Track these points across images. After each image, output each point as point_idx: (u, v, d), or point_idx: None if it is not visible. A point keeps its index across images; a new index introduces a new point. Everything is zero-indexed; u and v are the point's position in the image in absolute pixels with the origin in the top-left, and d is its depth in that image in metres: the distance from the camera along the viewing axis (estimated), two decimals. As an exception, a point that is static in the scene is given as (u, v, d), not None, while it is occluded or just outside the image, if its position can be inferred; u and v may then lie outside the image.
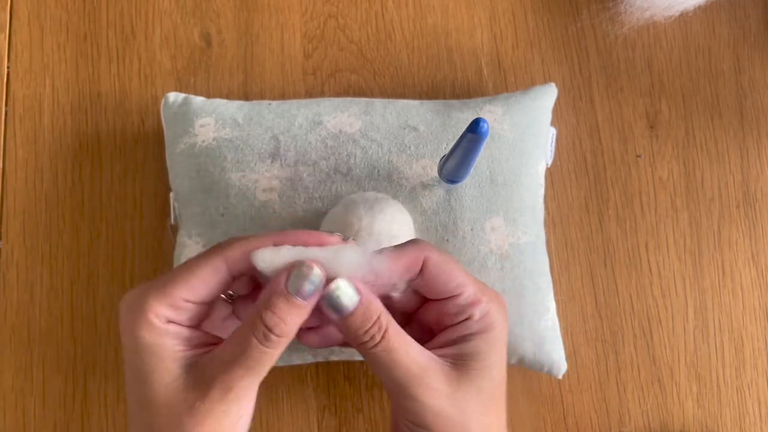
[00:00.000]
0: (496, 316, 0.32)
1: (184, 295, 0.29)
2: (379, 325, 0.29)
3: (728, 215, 0.46)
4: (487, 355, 0.31)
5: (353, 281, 0.29)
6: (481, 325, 0.32)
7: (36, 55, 0.48)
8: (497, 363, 0.32)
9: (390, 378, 0.30)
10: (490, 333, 0.32)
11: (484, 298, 0.32)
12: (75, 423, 0.43)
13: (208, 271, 0.30)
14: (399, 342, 0.30)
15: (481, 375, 0.31)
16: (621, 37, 0.48)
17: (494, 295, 0.33)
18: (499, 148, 0.41)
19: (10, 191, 0.46)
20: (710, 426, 0.44)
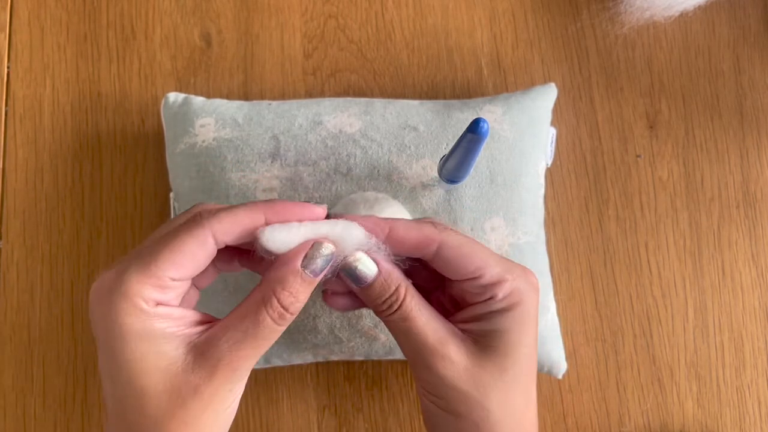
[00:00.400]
0: (523, 295, 0.31)
1: (171, 273, 0.27)
2: (397, 295, 0.30)
3: (728, 215, 0.46)
4: (512, 334, 0.31)
5: (371, 254, 0.30)
6: (504, 303, 0.31)
7: (36, 55, 0.48)
8: (524, 342, 0.31)
9: (407, 346, 0.31)
10: (515, 311, 0.31)
11: (509, 277, 0.31)
12: (75, 423, 0.43)
13: (195, 245, 0.27)
14: (417, 311, 0.30)
15: (504, 353, 0.31)
16: (621, 37, 0.48)
17: (522, 273, 0.32)
18: (499, 148, 0.41)
19: (10, 191, 0.46)
20: (710, 426, 0.44)
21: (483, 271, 0.31)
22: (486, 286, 0.31)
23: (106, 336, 0.27)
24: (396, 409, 0.43)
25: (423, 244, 0.31)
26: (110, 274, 0.27)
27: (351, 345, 0.40)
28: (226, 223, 0.28)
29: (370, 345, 0.40)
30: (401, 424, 0.43)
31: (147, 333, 0.27)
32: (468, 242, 0.31)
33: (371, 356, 0.41)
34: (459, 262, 0.31)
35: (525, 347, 0.31)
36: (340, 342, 0.40)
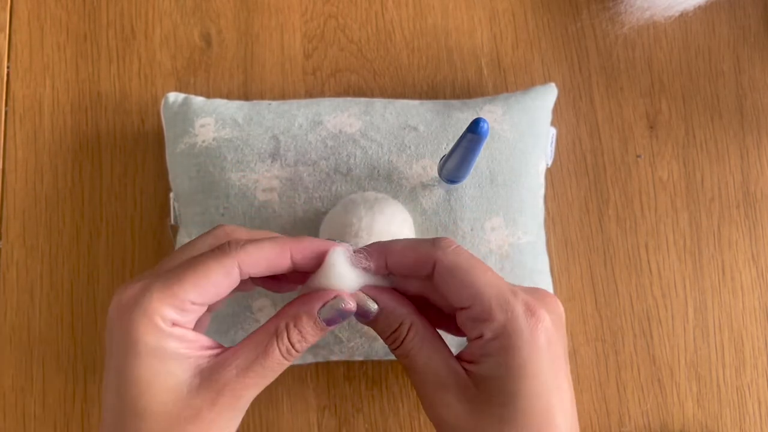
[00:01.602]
0: (516, 337, 0.28)
1: (192, 297, 0.27)
2: (399, 333, 0.30)
3: (728, 215, 0.46)
4: (508, 382, 0.28)
5: (374, 291, 0.30)
6: (494, 346, 0.28)
7: (36, 55, 0.48)
8: (528, 392, 0.28)
9: (412, 380, 0.31)
10: (505, 357, 0.28)
11: (497, 316, 0.28)
12: (75, 423, 0.43)
13: (221, 274, 0.28)
14: (417, 351, 0.30)
15: (501, 403, 0.28)
16: (621, 37, 0.48)
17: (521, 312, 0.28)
18: (499, 148, 0.41)
19: (10, 191, 0.46)
20: (710, 426, 0.44)
21: (473, 301, 0.29)
22: (475, 320, 0.29)
23: (121, 349, 0.27)
24: (396, 409, 0.43)
25: (419, 263, 0.30)
26: (133, 289, 0.27)
27: (351, 345, 0.40)
28: (253, 257, 0.28)
29: (370, 345, 0.40)
30: (401, 424, 0.43)
31: (160, 351, 0.27)
32: (466, 265, 0.29)
33: (371, 356, 0.41)
34: (452, 285, 0.29)
35: (532, 397, 0.28)
36: (340, 342, 0.40)
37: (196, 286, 0.27)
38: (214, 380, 0.27)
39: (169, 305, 0.27)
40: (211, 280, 0.28)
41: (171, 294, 0.27)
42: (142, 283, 0.28)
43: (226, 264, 0.28)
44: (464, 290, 0.29)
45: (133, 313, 0.27)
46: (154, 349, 0.27)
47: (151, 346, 0.27)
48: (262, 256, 0.29)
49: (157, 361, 0.27)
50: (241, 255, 0.28)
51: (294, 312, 0.29)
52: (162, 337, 0.27)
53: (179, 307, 0.27)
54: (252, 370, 0.28)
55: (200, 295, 0.28)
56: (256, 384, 0.28)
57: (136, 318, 0.27)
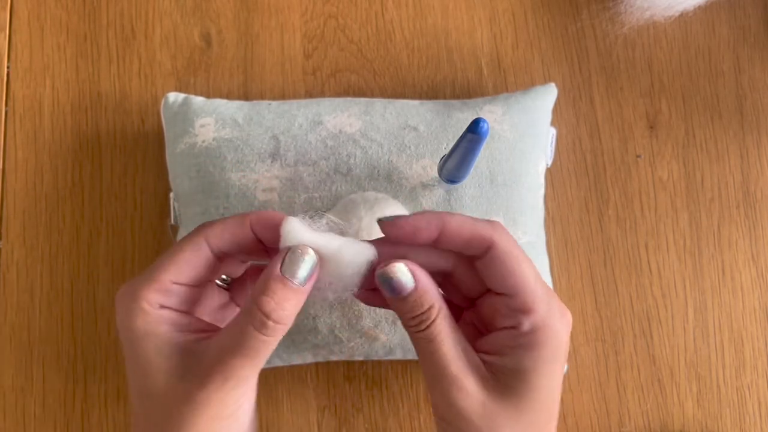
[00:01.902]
0: (552, 334, 0.29)
1: (171, 277, 0.29)
2: (428, 314, 0.29)
3: (728, 215, 0.46)
4: (533, 375, 0.29)
5: (411, 266, 0.29)
6: (528, 339, 0.29)
7: (36, 55, 0.48)
8: (545, 385, 0.29)
9: (428, 367, 0.30)
10: (539, 351, 0.29)
11: (540, 310, 0.29)
12: (75, 423, 0.43)
13: (190, 251, 0.30)
14: (445, 335, 0.29)
15: (522, 395, 0.29)
16: (621, 37, 0.48)
17: (558, 310, 0.30)
18: (499, 148, 0.41)
19: (10, 191, 0.46)
20: (710, 426, 0.44)
21: (518, 290, 0.29)
22: (515, 309, 0.29)
23: (124, 338, 0.30)
24: (396, 409, 0.43)
25: (475, 241, 0.30)
26: (128, 283, 0.30)
27: (351, 345, 0.40)
28: (217, 231, 0.30)
29: (370, 345, 0.40)
30: (401, 424, 0.43)
31: (152, 334, 0.29)
32: (518, 254, 0.30)
33: (371, 356, 0.41)
34: (502, 270, 0.29)
35: (547, 390, 0.29)
36: (340, 342, 0.40)
37: (172, 267, 0.29)
38: (200, 362, 0.28)
39: (153, 290, 0.29)
40: (182, 258, 0.30)
41: (152, 279, 0.29)
42: (128, 282, 0.30)
43: (194, 241, 0.30)
44: (512, 278, 0.29)
45: (125, 302, 0.29)
46: (146, 333, 0.29)
47: (142, 330, 0.29)
48: (225, 229, 0.30)
49: (151, 344, 0.29)
50: (207, 231, 0.30)
51: (259, 281, 0.28)
52: (151, 321, 0.29)
53: (161, 289, 0.29)
54: (233, 351, 0.28)
55: (177, 274, 0.30)
56: (243, 365, 0.28)
57: (127, 306, 0.29)
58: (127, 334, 0.29)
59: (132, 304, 0.29)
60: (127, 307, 0.29)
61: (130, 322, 0.29)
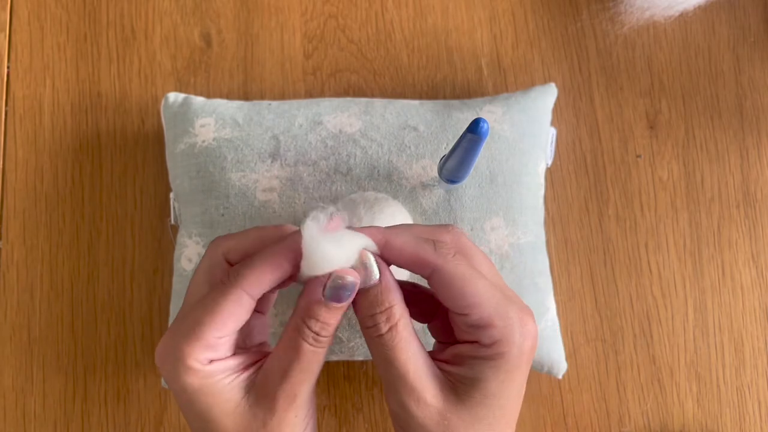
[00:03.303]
0: (511, 345, 0.29)
1: (216, 334, 0.29)
2: (388, 315, 0.29)
3: (728, 215, 0.46)
4: (492, 384, 0.29)
5: (380, 261, 0.30)
6: (489, 351, 0.29)
7: (36, 55, 0.48)
8: (504, 393, 0.30)
9: (385, 375, 0.30)
10: (498, 361, 0.29)
11: (498, 323, 0.29)
12: (75, 423, 0.43)
13: (233, 306, 0.29)
14: (403, 343, 0.29)
15: (480, 403, 0.29)
16: (621, 37, 0.48)
17: (518, 318, 0.29)
18: (499, 148, 0.41)
19: (10, 191, 0.46)
20: (710, 426, 0.44)
21: (473, 309, 0.29)
22: (472, 326, 0.29)
23: (177, 392, 0.30)
24: (396, 409, 0.43)
25: (417, 264, 0.30)
26: (167, 340, 0.30)
27: (351, 345, 0.40)
28: (252, 279, 0.29)
29: (370, 345, 0.40)
30: (401, 424, 0.43)
31: (206, 388, 0.29)
32: (465, 273, 0.29)
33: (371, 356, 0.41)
34: (451, 293, 0.29)
35: (505, 399, 0.30)
36: (340, 342, 0.40)
37: (214, 324, 0.29)
38: (265, 391, 0.29)
39: (200, 348, 0.29)
40: (225, 314, 0.29)
41: (195, 338, 0.29)
42: (171, 333, 0.30)
43: (234, 295, 0.29)
44: (462, 299, 0.29)
45: (171, 361, 0.29)
46: (201, 388, 0.29)
47: (195, 387, 0.29)
48: (262, 275, 0.30)
49: (209, 396, 0.29)
50: (242, 282, 0.29)
51: (304, 305, 0.29)
52: (203, 377, 0.29)
53: (207, 346, 0.29)
54: (292, 370, 0.29)
55: (221, 330, 0.29)
56: (303, 380, 0.29)
57: (175, 366, 0.29)
58: (179, 390, 0.29)
59: (179, 363, 0.29)
60: (174, 367, 0.29)
61: (182, 382, 0.29)
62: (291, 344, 0.29)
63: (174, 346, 0.29)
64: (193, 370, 0.29)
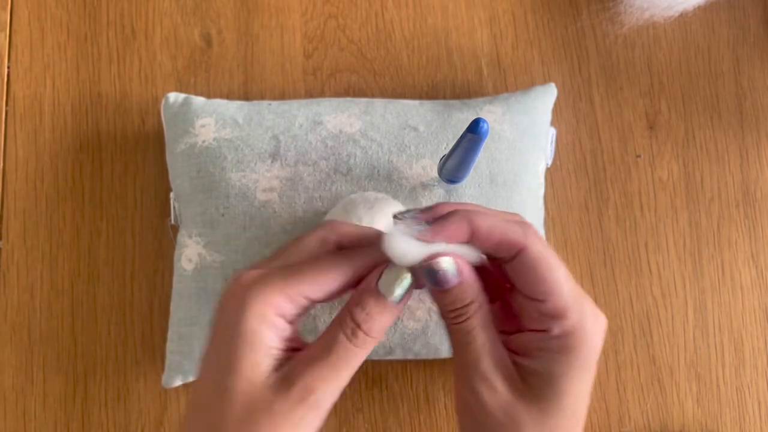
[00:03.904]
0: (583, 340, 0.29)
1: (307, 292, 0.28)
2: (467, 309, 0.29)
3: (728, 215, 0.46)
4: (562, 380, 0.29)
5: (458, 260, 0.29)
6: (559, 343, 0.29)
7: (36, 55, 0.48)
8: (574, 391, 0.29)
9: (459, 359, 0.30)
10: (569, 356, 0.29)
11: (572, 315, 0.29)
12: (75, 423, 0.43)
13: (338, 274, 0.29)
14: (480, 331, 0.29)
15: (549, 398, 0.29)
16: (621, 37, 0.49)
17: (592, 314, 0.29)
18: (499, 148, 0.41)
19: (11, 191, 0.46)
20: (710, 426, 0.44)
21: (548, 296, 0.29)
22: (545, 314, 0.29)
23: (225, 322, 0.28)
24: (396, 409, 0.43)
25: (505, 245, 0.29)
26: (255, 273, 0.28)
27: (351, 345, 0.40)
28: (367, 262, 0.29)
29: (370, 345, 0.40)
30: (401, 424, 0.43)
31: (256, 338, 0.27)
32: (549, 259, 0.29)
33: (371, 356, 0.41)
34: (532, 276, 0.29)
35: (574, 396, 0.29)
36: (340, 342, 0.40)
37: (313, 281, 0.28)
38: (287, 376, 0.28)
39: (284, 294, 0.28)
40: (328, 278, 0.28)
41: (289, 283, 0.28)
42: (263, 270, 0.28)
43: (342, 266, 0.29)
44: (542, 284, 0.29)
45: (248, 293, 0.27)
46: (252, 334, 0.27)
47: (250, 329, 0.27)
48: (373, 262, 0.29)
49: (250, 347, 0.27)
50: (356, 261, 0.29)
51: (355, 294, 0.29)
52: (264, 325, 0.27)
53: (292, 298, 0.28)
54: (320, 360, 0.28)
55: (314, 290, 0.28)
56: (328, 377, 0.28)
57: (249, 298, 0.27)
58: (231, 321, 0.28)
59: (253, 297, 0.27)
60: (245, 297, 0.27)
61: (242, 314, 0.27)
62: (329, 334, 0.28)
63: (263, 281, 0.28)
64: (262, 314, 0.27)
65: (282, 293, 0.28)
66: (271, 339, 0.28)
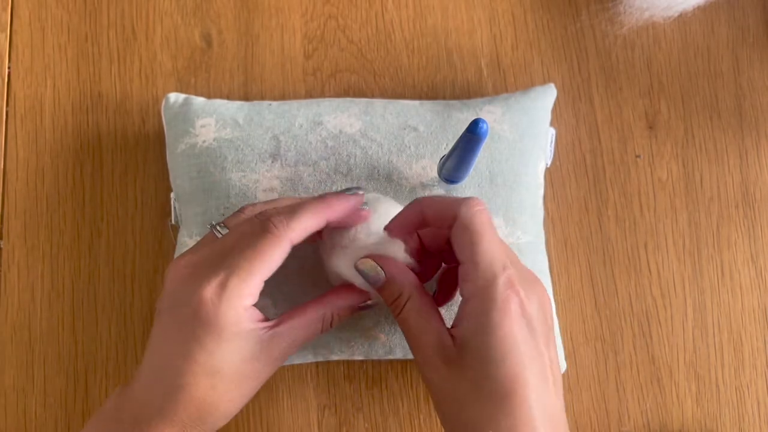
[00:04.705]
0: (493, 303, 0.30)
1: (263, 280, 0.32)
2: (399, 301, 0.33)
3: (727, 215, 0.46)
4: (481, 347, 0.30)
5: (381, 260, 0.34)
6: (470, 307, 0.31)
7: (37, 56, 0.48)
8: (495, 357, 0.30)
9: (409, 344, 0.34)
10: (479, 318, 0.30)
11: (480, 280, 0.31)
12: (76, 422, 0.43)
13: (279, 254, 0.32)
14: (416, 317, 0.33)
15: (473, 367, 0.30)
16: (620, 37, 0.49)
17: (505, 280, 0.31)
18: (498, 148, 0.42)
19: (11, 191, 0.46)
20: (709, 426, 0.44)
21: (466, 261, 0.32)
22: (462, 278, 0.32)
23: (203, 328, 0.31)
24: (396, 409, 0.43)
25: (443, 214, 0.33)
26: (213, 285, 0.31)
27: (351, 345, 0.40)
28: (298, 231, 0.33)
29: (370, 345, 0.40)
30: (401, 424, 0.43)
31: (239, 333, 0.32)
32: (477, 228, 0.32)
33: (371, 356, 0.41)
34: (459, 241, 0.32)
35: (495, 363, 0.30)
36: (340, 342, 0.40)
37: (262, 273, 0.32)
38: (272, 349, 0.33)
39: (247, 295, 0.32)
40: (273, 262, 0.32)
41: (247, 286, 0.31)
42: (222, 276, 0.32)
43: (282, 245, 0.32)
44: (466, 249, 0.32)
45: (221, 306, 0.31)
46: (236, 333, 0.32)
47: (234, 331, 0.31)
48: (304, 227, 0.33)
49: (235, 342, 0.32)
50: (290, 234, 0.32)
51: (340, 304, 0.35)
52: (241, 323, 0.32)
53: (253, 294, 0.32)
54: (301, 343, 0.34)
55: (265, 277, 0.32)
56: (298, 350, 0.35)
57: (223, 310, 0.31)
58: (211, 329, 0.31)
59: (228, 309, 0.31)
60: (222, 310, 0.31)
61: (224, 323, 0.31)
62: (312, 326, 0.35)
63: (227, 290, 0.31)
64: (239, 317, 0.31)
65: (245, 295, 0.31)
66: (248, 326, 0.32)
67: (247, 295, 0.32)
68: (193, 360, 0.31)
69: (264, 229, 0.32)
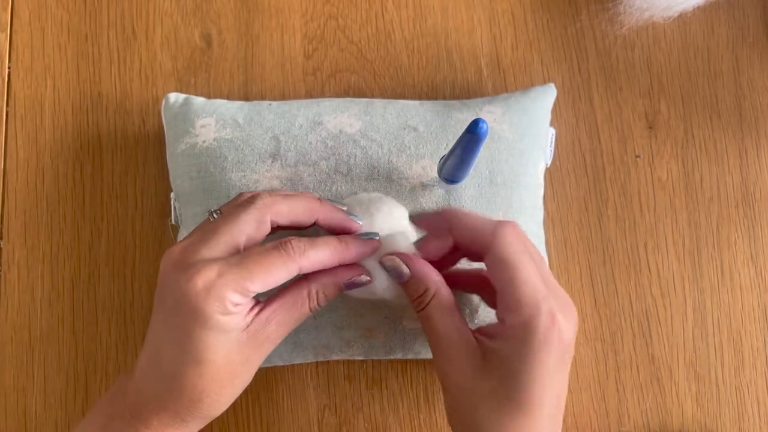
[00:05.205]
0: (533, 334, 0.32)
1: (257, 289, 0.32)
2: (424, 297, 0.35)
3: (727, 215, 0.46)
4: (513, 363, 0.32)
5: (408, 257, 0.36)
6: (511, 333, 0.33)
7: (37, 56, 0.48)
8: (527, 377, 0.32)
9: (429, 341, 0.35)
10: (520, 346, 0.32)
11: (524, 311, 0.32)
12: (76, 422, 0.43)
13: (284, 273, 0.33)
14: (439, 315, 0.34)
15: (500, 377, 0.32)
16: (620, 37, 0.49)
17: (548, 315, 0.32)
18: (498, 148, 0.42)
19: (11, 191, 0.46)
20: (709, 425, 0.44)
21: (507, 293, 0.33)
22: (502, 306, 0.33)
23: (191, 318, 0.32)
24: (396, 409, 0.43)
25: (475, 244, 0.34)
26: (209, 275, 0.32)
27: (351, 345, 0.40)
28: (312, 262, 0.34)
29: (370, 345, 0.40)
30: (401, 424, 0.43)
31: (225, 325, 0.32)
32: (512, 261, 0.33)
33: (371, 356, 0.41)
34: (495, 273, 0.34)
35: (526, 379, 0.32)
36: (341, 341, 0.40)
37: (263, 282, 0.32)
38: (259, 334, 0.33)
39: (239, 294, 0.32)
40: (275, 278, 0.33)
41: (242, 287, 0.32)
42: (216, 270, 0.32)
43: (289, 268, 0.33)
44: (505, 284, 0.33)
45: (209, 296, 0.31)
46: (221, 325, 0.32)
47: (219, 322, 0.32)
48: (319, 260, 0.34)
49: (222, 332, 0.32)
50: (303, 261, 0.33)
51: (326, 281, 0.35)
52: (227, 316, 0.32)
53: (245, 295, 0.32)
54: (288, 324, 0.35)
55: (263, 288, 0.33)
56: (288, 332, 0.35)
57: (211, 302, 0.31)
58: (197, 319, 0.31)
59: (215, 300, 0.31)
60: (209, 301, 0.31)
61: (209, 315, 0.31)
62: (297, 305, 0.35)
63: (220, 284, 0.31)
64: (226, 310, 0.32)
65: (236, 293, 0.32)
66: (235, 320, 0.32)
67: (239, 294, 0.32)
68: (180, 348, 0.32)
69: (280, 248, 0.33)
